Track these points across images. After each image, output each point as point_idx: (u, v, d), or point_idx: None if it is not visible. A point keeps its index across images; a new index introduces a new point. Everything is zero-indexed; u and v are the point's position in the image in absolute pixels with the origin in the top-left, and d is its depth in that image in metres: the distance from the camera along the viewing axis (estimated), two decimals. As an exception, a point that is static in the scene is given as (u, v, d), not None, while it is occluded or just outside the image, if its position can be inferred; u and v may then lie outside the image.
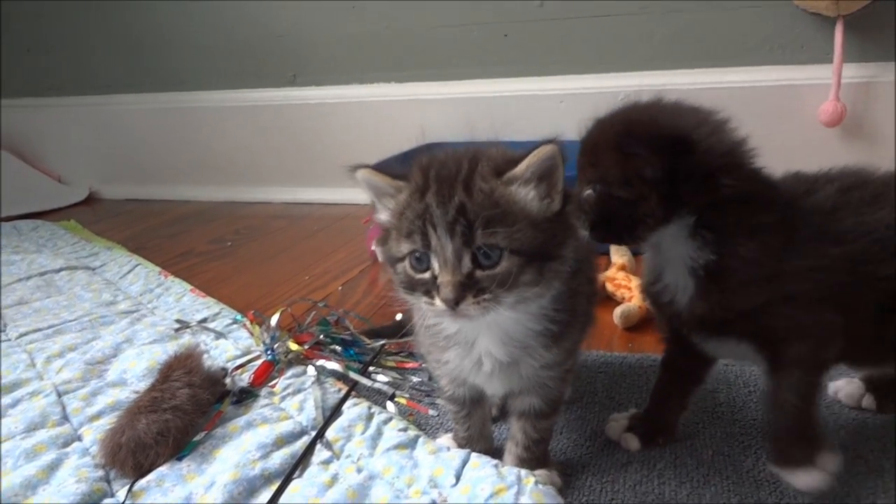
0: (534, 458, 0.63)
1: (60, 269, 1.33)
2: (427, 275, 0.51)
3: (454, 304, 0.49)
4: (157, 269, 1.32)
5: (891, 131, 1.45)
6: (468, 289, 0.49)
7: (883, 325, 0.60)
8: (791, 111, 1.50)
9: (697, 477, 0.66)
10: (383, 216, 0.54)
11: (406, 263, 0.52)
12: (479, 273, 0.49)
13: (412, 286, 0.52)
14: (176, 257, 1.49)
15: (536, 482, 0.56)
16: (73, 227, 1.72)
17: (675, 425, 0.71)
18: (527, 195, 0.51)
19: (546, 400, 0.61)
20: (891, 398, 0.72)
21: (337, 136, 1.89)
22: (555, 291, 0.54)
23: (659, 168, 0.55)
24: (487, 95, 1.73)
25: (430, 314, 0.53)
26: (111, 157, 2.17)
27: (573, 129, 1.69)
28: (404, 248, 0.51)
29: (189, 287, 1.20)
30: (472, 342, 0.56)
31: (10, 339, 1.02)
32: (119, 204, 2.10)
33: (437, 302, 0.50)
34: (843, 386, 0.75)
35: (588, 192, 0.59)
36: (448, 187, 0.50)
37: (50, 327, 1.05)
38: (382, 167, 0.53)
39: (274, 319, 0.90)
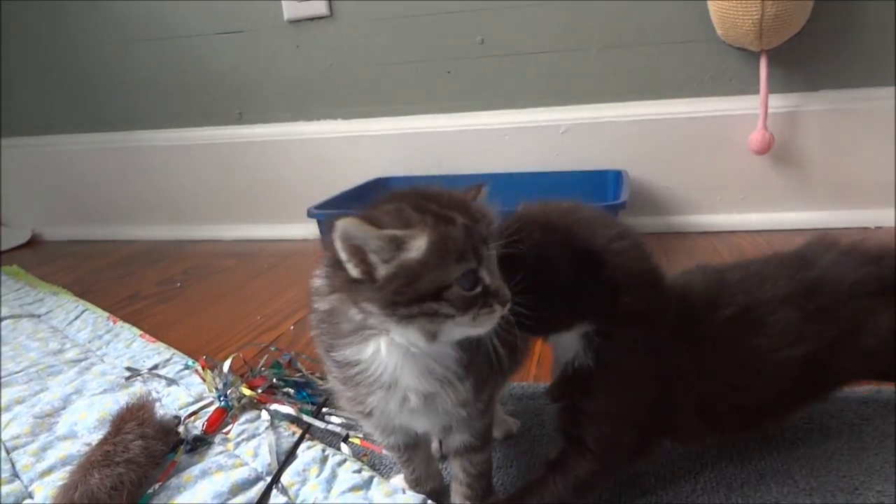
0: (478, 495, 0.66)
1: (3, 318, 1.31)
2: (478, 289, 0.52)
3: (506, 309, 0.53)
4: (106, 314, 1.30)
5: (818, 157, 1.54)
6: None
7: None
8: (723, 140, 1.58)
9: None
10: (382, 265, 0.51)
11: (457, 288, 0.51)
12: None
13: (466, 306, 0.52)
14: (123, 300, 1.48)
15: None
16: (16, 272, 1.69)
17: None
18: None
19: (474, 435, 0.63)
20: None
21: (284, 172, 1.90)
22: None
23: (567, 278, 0.58)
24: (433, 130, 1.77)
25: (484, 324, 0.53)
26: (54, 198, 2.14)
27: (516, 161, 1.75)
28: (455, 272, 0.51)
29: (139, 332, 1.19)
30: (395, 382, 0.57)
31: (-47, 395, 1.00)
32: (63, 245, 2.06)
33: (497, 307, 0.53)
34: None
35: None
36: (473, 212, 0.54)
37: (-5, 380, 1.03)
38: (370, 217, 0.52)
39: (226, 365, 0.91)
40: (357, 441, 0.81)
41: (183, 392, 0.93)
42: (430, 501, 0.66)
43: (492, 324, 0.53)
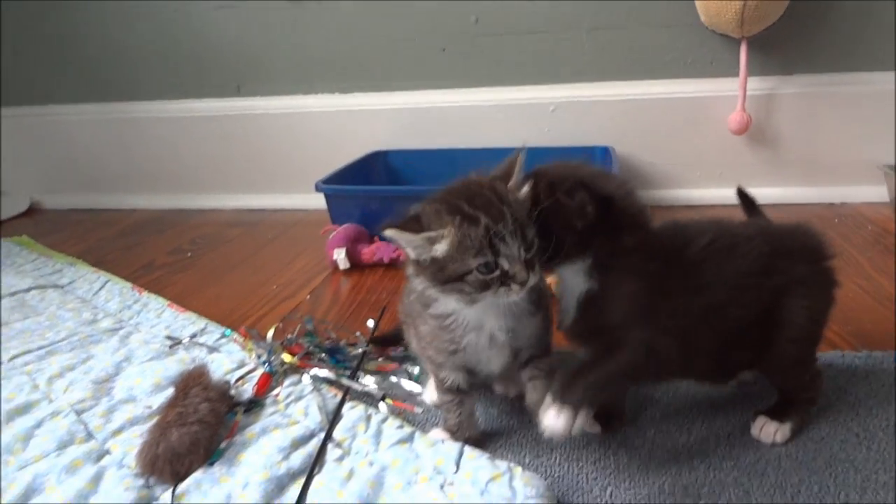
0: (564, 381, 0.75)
1: (30, 289, 1.37)
2: (497, 273, 0.68)
3: (527, 281, 0.68)
4: (129, 284, 1.38)
5: (791, 137, 1.66)
6: (531, 266, 0.68)
7: (725, 353, 0.77)
8: (703, 119, 1.69)
9: (643, 452, 0.81)
10: (427, 254, 0.68)
11: (475, 274, 0.67)
12: (527, 256, 0.68)
13: (485, 286, 0.68)
14: (138, 270, 1.55)
15: (523, 470, 0.70)
16: (27, 242, 1.74)
17: (623, 410, 0.86)
18: (527, 200, 0.70)
19: (541, 348, 0.81)
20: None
21: (283, 145, 1.97)
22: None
23: (586, 218, 0.70)
24: (428, 106, 1.85)
25: (499, 297, 0.69)
26: (53, 167, 2.18)
27: (508, 137, 1.84)
28: (473, 263, 0.67)
29: (166, 302, 1.28)
30: (482, 324, 0.75)
31: (3, 362, 1.08)
32: (64, 214, 2.11)
33: (514, 286, 0.68)
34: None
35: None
36: (496, 209, 0.67)
37: (40, 348, 1.11)
38: (396, 223, 0.67)
39: (270, 334, 1.00)
40: (390, 402, 0.91)
41: (225, 359, 1.02)
42: (468, 447, 0.76)
43: (514, 297, 0.69)
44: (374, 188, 1.69)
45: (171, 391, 0.88)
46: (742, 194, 0.94)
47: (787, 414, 0.81)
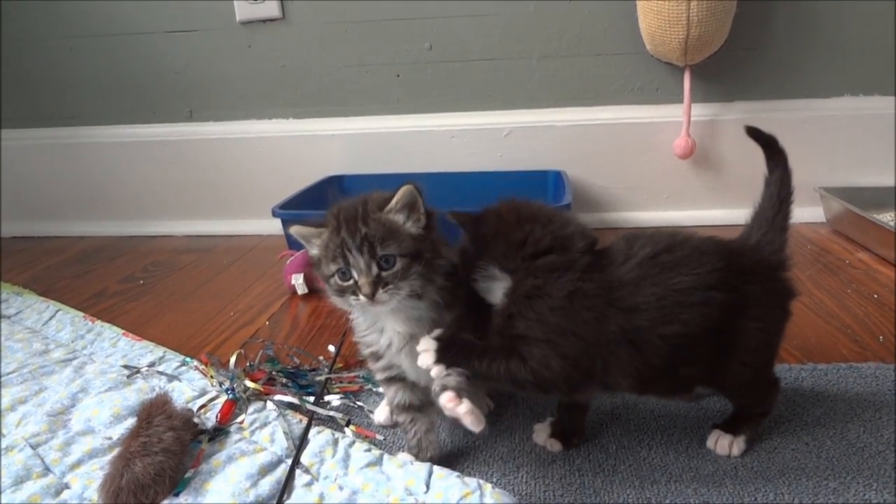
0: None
1: (-25, 320, 1.33)
2: (350, 282, 0.74)
3: (371, 296, 0.73)
4: (80, 313, 1.35)
5: (733, 161, 1.74)
6: (378, 285, 0.73)
7: (672, 370, 0.76)
8: (650, 144, 1.75)
9: (607, 467, 0.83)
10: (314, 251, 0.78)
11: (335, 278, 0.75)
12: (383, 273, 0.73)
13: (342, 292, 0.75)
14: (90, 299, 1.51)
15: (493, 487, 0.71)
16: (-31, 272, 1.69)
17: (583, 427, 0.88)
18: (400, 219, 0.75)
19: None
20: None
21: (237, 170, 1.95)
22: (438, 283, 0.77)
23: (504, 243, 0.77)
24: (383, 131, 1.87)
25: (357, 307, 0.76)
26: (-5, 194, 2.12)
27: (463, 161, 1.87)
28: (332, 268, 0.74)
29: (121, 331, 1.25)
30: (382, 327, 0.80)
31: (-51, 396, 1.04)
32: (7, 242, 2.04)
33: (361, 297, 0.73)
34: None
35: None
36: (353, 223, 0.74)
37: (-11, 381, 1.07)
38: (307, 220, 0.78)
39: (233, 360, 0.99)
40: (353, 429, 0.91)
41: (186, 387, 1.01)
42: (436, 466, 0.77)
43: (361, 304, 0.74)
44: (331, 213, 1.70)
45: (131, 421, 0.87)
46: (754, 133, 0.96)
47: (740, 428, 0.84)
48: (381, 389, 0.98)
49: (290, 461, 0.81)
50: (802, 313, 1.22)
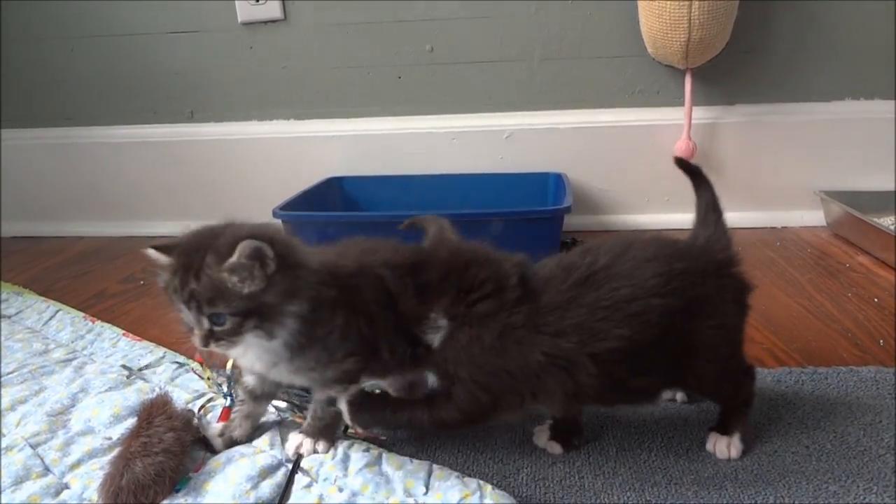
0: (319, 425, 0.83)
1: (-26, 320, 1.33)
2: (187, 322, 0.73)
3: (204, 347, 0.73)
4: (81, 314, 1.35)
5: (734, 164, 1.74)
6: (210, 337, 0.72)
7: (624, 382, 0.77)
8: (651, 147, 1.75)
9: (607, 469, 0.83)
10: (160, 282, 0.75)
11: (181, 315, 0.74)
12: (215, 328, 0.72)
13: (188, 329, 0.74)
14: (89, 299, 1.51)
15: (493, 488, 0.71)
16: (-31, 271, 1.69)
17: (581, 428, 0.88)
18: (236, 280, 0.70)
19: (326, 394, 0.83)
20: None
21: (237, 171, 1.95)
22: (291, 325, 0.74)
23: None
24: (384, 133, 1.87)
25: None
26: (-6, 194, 2.11)
27: (463, 164, 1.87)
28: (174, 307, 0.73)
29: (121, 331, 1.25)
30: (244, 351, 0.78)
31: (-52, 396, 1.04)
32: (5, 243, 2.04)
33: (195, 339, 0.73)
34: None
35: None
36: (186, 274, 0.70)
37: (-12, 381, 1.07)
38: (162, 245, 0.74)
39: (229, 365, 0.99)
40: (353, 432, 0.91)
41: (184, 389, 1.01)
42: (436, 466, 0.78)
43: (199, 348, 0.74)
44: (332, 214, 1.70)
45: (131, 421, 0.87)
46: (682, 164, 0.95)
47: (730, 426, 0.84)
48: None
49: (290, 465, 0.81)
50: (803, 317, 1.22)
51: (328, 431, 0.84)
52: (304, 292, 0.74)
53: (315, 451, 0.82)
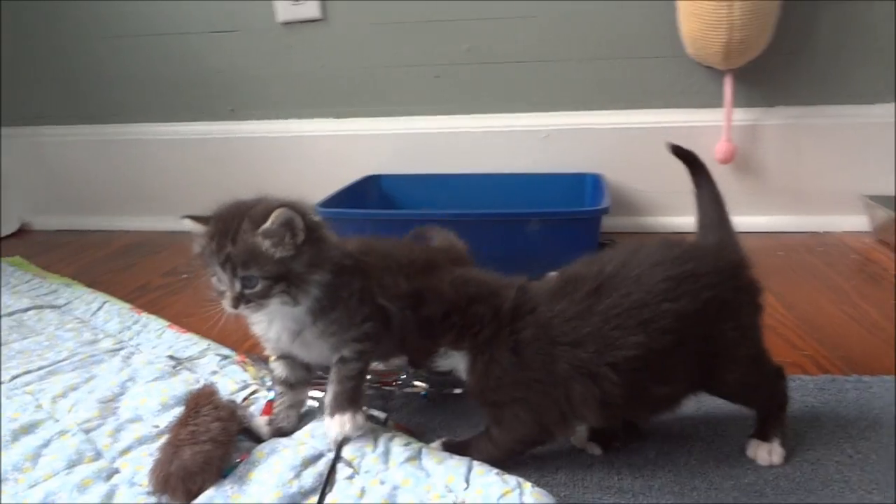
0: (345, 392, 0.84)
1: (28, 309, 1.37)
2: (220, 287, 0.78)
3: (234, 309, 0.77)
4: (128, 305, 1.38)
5: (775, 167, 1.72)
6: (240, 300, 0.76)
7: (643, 391, 0.76)
8: (690, 148, 1.71)
9: (646, 472, 0.83)
10: (196, 248, 0.80)
11: (212, 280, 0.79)
12: (245, 291, 0.76)
13: (218, 294, 0.79)
14: (134, 291, 1.55)
15: (532, 485, 0.72)
16: (21, 263, 1.73)
17: (622, 431, 0.89)
18: (269, 245, 0.75)
19: (350, 350, 0.85)
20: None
21: (276, 168, 1.99)
22: (314, 293, 0.79)
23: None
24: (421, 132, 1.89)
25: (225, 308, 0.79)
26: (43, 188, 2.17)
27: (500, 163, 1.88)
28: (207, 271, 0.78)
29: (166, 323, 1.28)
30: (270, 321, 0.83)
31: (3, 382, 1.07)
32: (54, 235, 2.10)
33: (224, 303, 0.78)
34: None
35: None
36: (223, 238, 0.75)
37: (41, 368, 1.10)
38: (197, 216, 0.81)
39: (273, 359, 1.01)
40: (393, 424, 0.93)
41: (228, 380, 1.03)
42: (476, 463, 0.78)
43: (228, 311, 0.79)
44: (371, 212, 1.72)
45: (177, 410, 0.89)
46: (677, 152, 0.97)
47: (768, 431, 0.84)
48: (418, 383, 1.01)
49: (331, 455, 0.82)
50: (846, 324, 1.21)
51: (356, 398, 0.85)
52: (326, 264, 0.79)
53: (356, 426, 0.83)
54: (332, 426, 0.83)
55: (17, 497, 0.78)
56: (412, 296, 0.79)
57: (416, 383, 1.02)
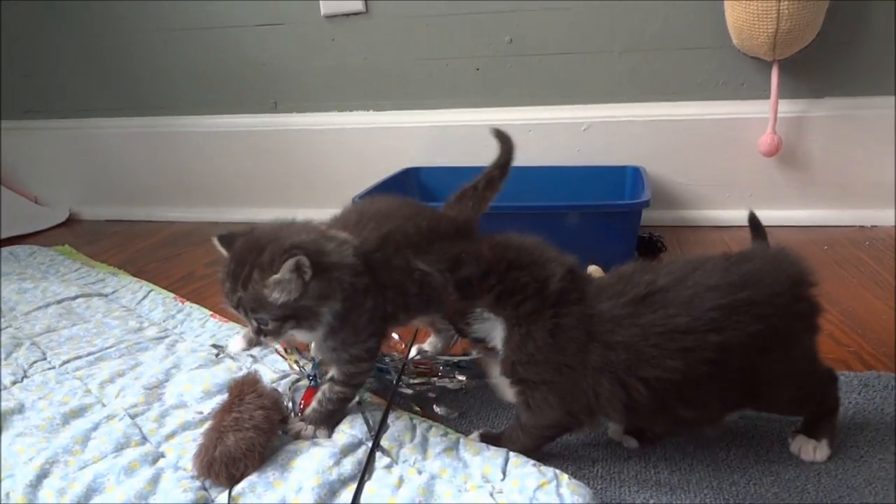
0: (321, 413, 0.88)
1: (76, 297, 1.41)
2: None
3: (256, 337, 0.83)
4: (172, 294, 1.42)
5: (822, 160, 1.68)
6: (259, 333, 0.81)
7: (668, 410, 0.75)
8: (734, 141, 1.71)
9: (684, 466, 0.82)
10: (219, 274, 0.82)
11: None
12: (261, 327, 0.80)
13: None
14: (178, 280, 1.59)
15: (569, 478, 0.72)
16: (69, 251, 1.79)
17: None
18: (278, 294, 0.77)
19: (341, 373, 0.88)
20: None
21: (318, 160, 2.01)
22: (326, 321, 0.82)
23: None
24: (461, 124, 1.88)
25: None
26: (91, 179, 2.24)
27: (540, 156, 1.87)
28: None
29: (209, 312, 1.31)
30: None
31: (54, 367, 1.11)
32: (102, 225, 2.16)
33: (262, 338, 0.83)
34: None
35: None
36: (235, 282, 0.78)
37: (89, 354, 1.14)
38: (225, 236, 0.83)
39: (313, 347, 1.03)
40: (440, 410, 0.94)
41: (268, 369, 1.05)
42: (512, 454, 0.79)
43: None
44: (409, 204, 1.72)
45: (220, 398, 0.92)
46: (753, 220, 0.93)
47: (818, 430, 0.82)
48: (461, 377, 1.02)
49: (370, 443, 0.84)
50: (892, 320, 1.18)
51: (331, 420, 0.89)
52: (337, 293, 0.81)
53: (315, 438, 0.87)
54: (293, 430, 0.88)
55: (68, 478, 0.81)
56: (451, 259, 0.79)
57: (458, 377, 1.02)
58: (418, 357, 1.07)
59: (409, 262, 0.83)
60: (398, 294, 0.89)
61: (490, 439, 0.85)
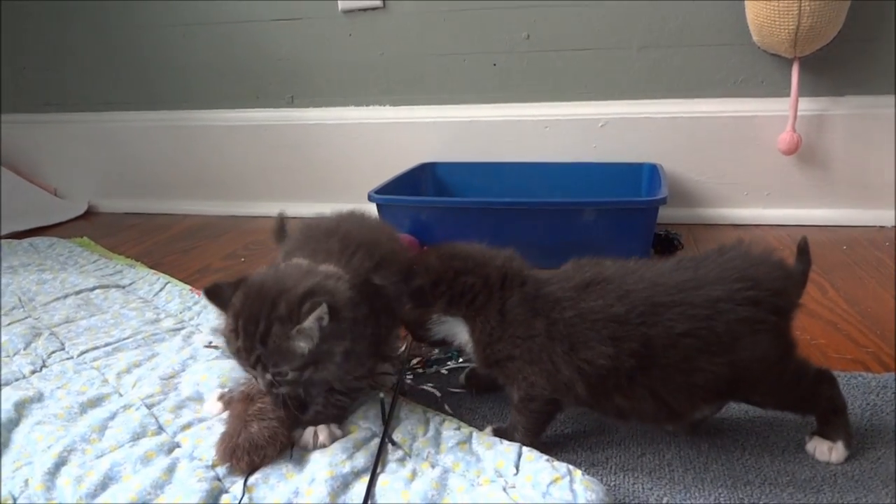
0: (328, 413, 0.86)
1: (94, 288, 1.43)
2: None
3: (268, 392, 0.81)
4: (188, 286, 1.43)
5: (842, 158, 1.66)
6: (273, 386, 0.79)
7: (606, 395, 0.79)
8: (752, 139, 1.69)
9: (698, 464, 0.82)
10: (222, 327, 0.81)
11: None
12: (275, 380, 0.78)
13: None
14: (194, 273, 1.60)
15: (583, 473, 0.72)
16: (87, 243, 1.81)
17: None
18: (302, 345, 0.76)
19: (343, 386, 0.88)
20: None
21: (334, 155, 2.02)
22: (338, 358, 0.81)
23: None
24: (477, 119, 1.88)
25: None
26: (109, 172, 2.26)
27: (556, 152, 1.86)
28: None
29: (225, 305, 1.32)
30: None
31: (72, 357, 1.13)
32: (120, 218, 2.18)
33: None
34: None
35: None
36: (252, 339, 0.76)
37: (107, 345, 1.15)
38: (216, 291, 0.80)
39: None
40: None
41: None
42: (525, 449, 0.79)
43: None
44: (425, 199, 1.73)
45: (237, 390, 0.92)
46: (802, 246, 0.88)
47: (831, 432, 0.81)
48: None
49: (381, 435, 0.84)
50: (912, 320, 1.16)
51: (337, 417, 0.87)
52: (347, 329, 0.80)
53: (330, 434, 0.85)
54: (307, 436, 0.84)
55: (85, 466, 0.81)
56: (404, 271, 0.87)
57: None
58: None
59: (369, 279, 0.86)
60: (389, 317, 0.92)
61: (503, 434, 0.85)
